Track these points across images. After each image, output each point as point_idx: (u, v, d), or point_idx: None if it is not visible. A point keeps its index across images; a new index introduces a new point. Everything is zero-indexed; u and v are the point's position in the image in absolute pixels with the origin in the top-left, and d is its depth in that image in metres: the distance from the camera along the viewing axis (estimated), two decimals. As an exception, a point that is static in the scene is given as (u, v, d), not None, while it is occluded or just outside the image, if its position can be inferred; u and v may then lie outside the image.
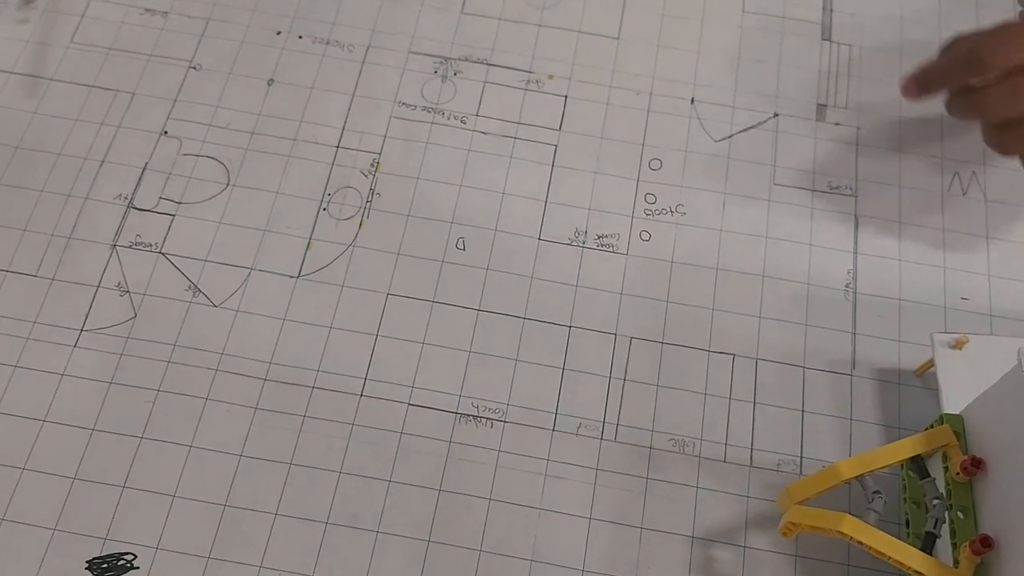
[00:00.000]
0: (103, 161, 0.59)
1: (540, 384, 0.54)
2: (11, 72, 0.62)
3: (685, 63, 0.65)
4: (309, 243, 0.58)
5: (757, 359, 0.56)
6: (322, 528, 0.50)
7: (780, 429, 0.54)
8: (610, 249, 0.58)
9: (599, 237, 0.59)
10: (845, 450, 0.54)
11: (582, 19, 0.66)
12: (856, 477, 0.44)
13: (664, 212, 0.60)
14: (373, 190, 0.59)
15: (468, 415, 0.53)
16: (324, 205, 0.59)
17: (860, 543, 0.42)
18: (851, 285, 0.58)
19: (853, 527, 0.42)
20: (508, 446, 0.53)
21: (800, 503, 0.45)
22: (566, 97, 0.63)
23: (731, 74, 0.65)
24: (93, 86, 0.62)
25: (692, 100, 0.64)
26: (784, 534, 0.46)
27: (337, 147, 0.61)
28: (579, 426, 0.53)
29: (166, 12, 0.64)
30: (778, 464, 0.53)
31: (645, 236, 0.59)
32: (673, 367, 0.55)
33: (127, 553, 0.49)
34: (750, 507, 0.52)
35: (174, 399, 0.53)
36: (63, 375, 0.53)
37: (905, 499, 0.47)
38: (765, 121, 0.64)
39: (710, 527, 0.51)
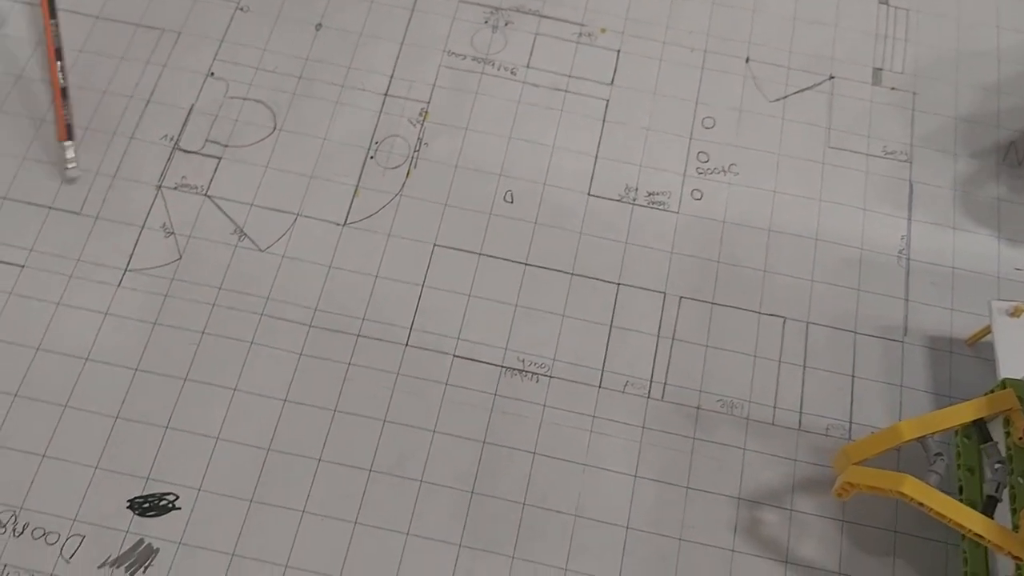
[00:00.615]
0: (148, 101, 0.58)
1: (587, 340, 0.54)
2: (57, 8, 0.61)
3: (740, 21, 0.64)
4: (356, 191, 0.57)
5: (808, 323, 0.55)
6: (366, 475, 0.50)
7: (829, 393, 0.53)
8: (661, 207, 0.57)
9: (650, 194, 0.58)
10: (895, 416, 0.53)
11: (636, -28, 0.65)
12: (918, 438, 0.43)
13: (717, 171, 0.59)
14: (421, 139, 0.58)
15: (514, 369, 0.53)
16: (371, 153, 0.58)
17: (920, 505, 0.41)
18: (904, 251, 0.57)
19: (914, 488, 0.41)
20: (553, 401, 0.52)
21: (857, 464, 0.44)
22: (618, 52, 0.62)
23: (787, 34, 0.64)
24: (139, 24, 0.61)
25: (747, 59, 0.63)
26: (839, 495, 0.45)
27: (385, 95, 0.60)
28: (626, 384, 0.53)
29: (213, -48, 0.63)
30: (827, 428, 0.52)
31: (697, 195, 0.58)
32: (722, 328, 0.54)
33: (169, 493, 0.48)
34: (797, 470, 0.51)
35: (218, 342, 0.52)
36: (106, 314, 0.52)
37: (959, 466, 0.46)
38: (820, 83, 0.62)
39: (756, 489, 0.51)
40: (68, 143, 0.54)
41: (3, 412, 0.50)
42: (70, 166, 0.54)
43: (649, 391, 0.52)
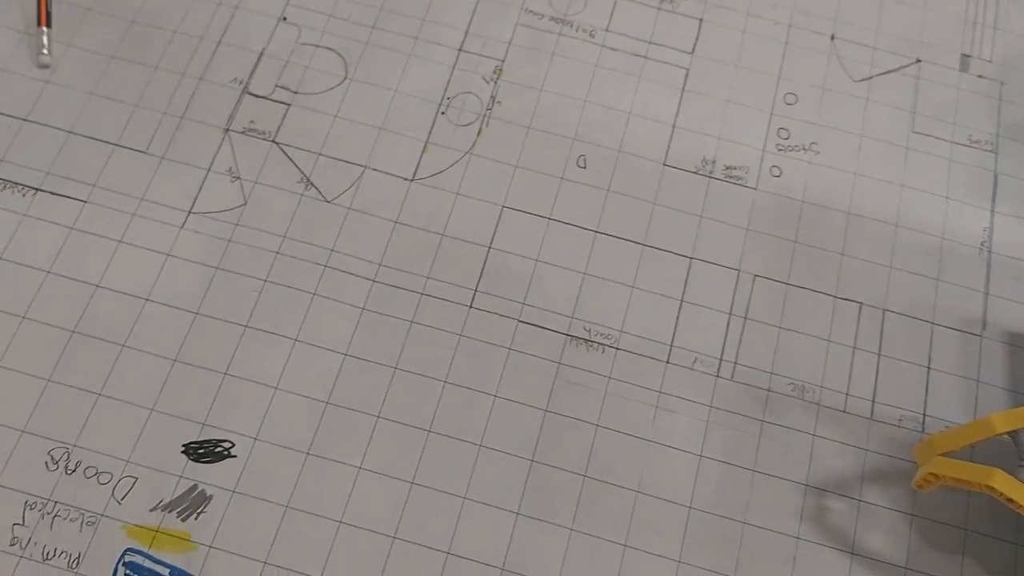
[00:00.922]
0: (219, 42, 0.57)
1: (656, 314, 0.52)
2: (129, -56, 0.59)
3: (828, -3, 0.62)
4: (425, 146, 0.55)
5: (884, 310, 0.53)
6: (424, 436, 0.48)
7: (904, 384, 0.51)
8: (738, 182, 0.56)
9: (727, 168, 0.56)
10: (970, 412, 0.51)
11: (723, -60, 0.63)
12: (1009, 432, 0.41)
13: (797, 149, 0.57)
14: (494, 98, 0.57)
15: (579, 338, 0.51)
16: (443, 109, 0.56)
17: (1010, 500, 0.40)
18: (986, 243, 0.55)
19: (1004, 483, 0.39)
20: (619, 373, 0.50)
21: (942, 455, 0.42)
22: (701, 20, 0.60)
23: (874, 14, 0.61)
24: (213, -35, 0.59)
25: (832, 37, 0.60)
26: (920, 487, 0.43)
27: (459, 50, 0.58)
28: (694, 361, 0.51)
29: None
30: (900, 420, 0.51)
31: (776, 172, 0.56)
32: (796, 310, 0.53)
33: (225, 440, 0.47)
34: (868, 460, 0.50)
35: (281, 291, 0.51)
36: (168, 255, 0.51)
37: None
38: (907, 66, 0.60)
39: (824, 477, 0.49)
40: (45, 29, 0.54)
41: (60, 348, 0.49)
42: (44, 51, 0.54)
43: (718, 370, 0.51)
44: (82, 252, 0.51)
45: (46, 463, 0.46)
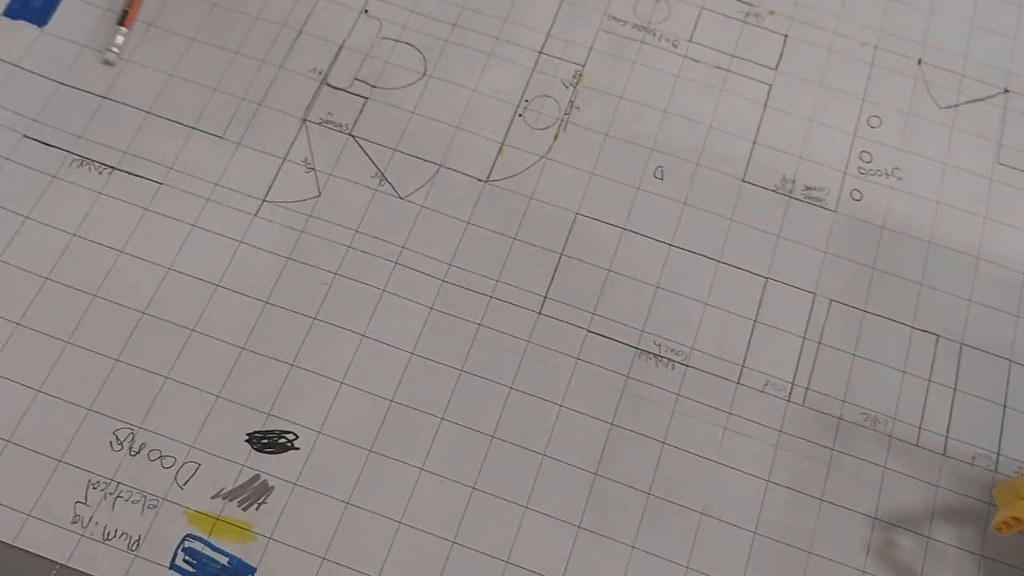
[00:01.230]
0: (300, 31, 0.57)
1: (728, 333, 0.51)
2: (215, -72, 0.59)
3: (916, 20, 0.60)
4: (501, 148, 0.55)
5: (962, 344, 0.52)
6: (488, 441, 0.48)
7: (979, 421, 0.50)
8: (818, 203, 0.54)
9: (807, 189, 0.55)
10: (1047, 456, 0.50)
11: (812, -44, 0.61)
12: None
13: (879, 173, 0.55)
14: (573, 103, 0.56)
15: (649, 352, 0.50)
16: (520, 111, 0.56)
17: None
18: (1070, 283, 0.54)
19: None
20: (688, 391, 0.49)
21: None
22: (786, 36, 0.59)
23: (963, 40, 0.60)
24: (298, -47, 0.59)
25: (919, 61, 0.59)
26: (999, 529, 0.42)
27: (540, 53, 0.57)
28: (766, 384, 0.50)
29: None
30: (973, 457, 0.49)
31: (856, 195, 0.55)
32: (872, 338, 0.51)
33: (288, 432, 0.47)
34: (939, 497, 0.48)
35: (351, 285, 0.50)
36: (241, 242, 0.51)
37: None
38: (994, 96, 0.59)
39: (894, 511, 0.48)
40: (124, 30, 0.54)
41: (130, 328, 0.48)
42: (114, 49, 0.53)
43: (790, 394, 0.50)
44: (156, 234, 0.51)
45: (111, 443, 0.46)
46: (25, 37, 0.55)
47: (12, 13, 0.56)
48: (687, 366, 0.50)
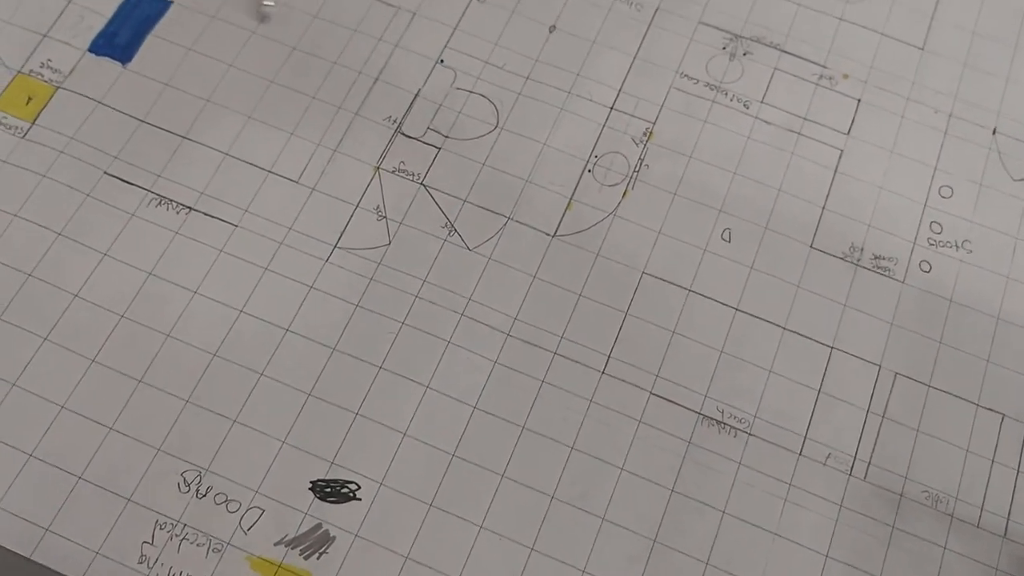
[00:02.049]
0: (377, 79, 0.57)
1: (792, 402, 0.51)
2: (296, -30, 0.60)
3: (992, 89, 0.60)
4: (570, 203, 0.55)
5: (1029, 425, 0.51)
6: (547, 501, 0.48)
7: (1043, 506, 0.49)
8: (886, 273, 0.54)
9: (875, 258, 0.54)
10: (1112, 545, 0.49)
11: (887, 20, 0.61)
12: None
13: (949, 245, 0.55)
14: (642, 160, 0.56)
15: (712, 418, 0.50)
16: (590, 166, 0.56)
17: None
18: None
19: None
20: (750, 460, 0.49)
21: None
22: (859, 101, 0.59)
23: (1039, 110, 0.59)
24: (376, -1, 0.60)
25: (994, 131, 0.59)
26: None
27: (611, 108, 0.58)
28: (828, 456, 0.50)
29: (457, -64, 0.62)
30: (1036, 543, 0.49)
31: (925, 267, 0.54)
32: (936, 414, 0.51)
33: (351, 482, 0.48)
34: (1000, 582, 0.48)
35: (417, 335, 0.51)
36: (311, 288, 0.52)
37: None
38: (1068, 168, 0.58)
39: (954, 594, 0.47)
40: None
41: (201, 369, 0.49)
42: (268, 2, 0.55)
43: (851, 468, 0.50)
44: (230, 276, 0.52)
45: (179, 484, 0.47)
46: (109, 74, 0.56)
47: (97, 49, 0.57)
48: (749, 434, 0.50)
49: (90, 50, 0.57)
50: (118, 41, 0.57)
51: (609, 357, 0.51)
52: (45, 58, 0.57)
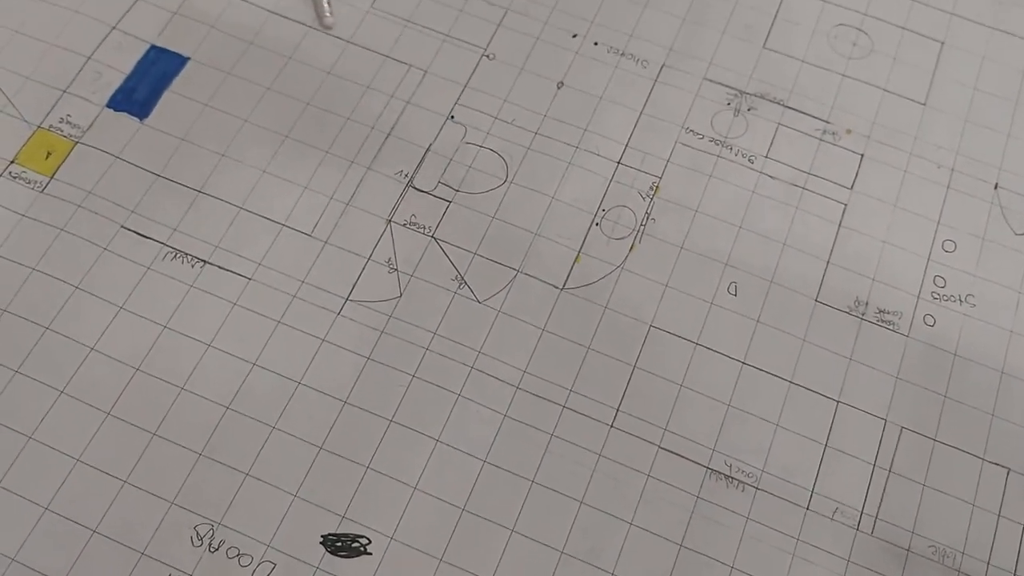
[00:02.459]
0: (389, 134, 0.59)
1: (799, 456, 0.51)
2: (310, 27, 0.62)
3: (993, 144, 0.61)
4: (578, 256, 0.56)
5: (1034, 479, 0.51)
6: (556, 556, 0.48)
7: (1050, 561, 0.50)
8: (891, 327, 0.55)
9: (880, 312, 0.55)
10: (1120, 601, 0.49)
11: (889, 77, 0.62)
12: None
13: (952, 299, 0.56)
14: (649, 214, 0.57)
15: (720, 472, 0.51)
16: (597, 220, 0.57)
17: None
18: None
19: None
20: (758, 515, 0.50)
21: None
22: (862, 156, 0.60)
23: (1040, 164, 0.60)
24: (388, 56, 0.61)
25: (996, 185, 0.60)
26: None
27: (618, 163, 0.59)
28: (835, 511, 0.50)
29: (467, -6, 0.63)
30: (1044, 599, 0.49)
31: (929, 321, 0.55)
32: (943, 468, 0.52)
33: (362, 536, 0.48)
34: (1009, 639, 0.48)
35: (427, 388, 0.52)
36: (323, 340, 0.52)
37: None
38: (1070, 222, 0.59)
39: (962, 651, 0.47)
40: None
41: (214, 423, 0.50)
42: (328, 14, 0.58)
43: (859, 523, 0.50)
44: (243, 329, 0.52)
45: (191, 538, 0.47)
46: (127, 129, 0.58)
47: (115, 105, 0.58)
48: (757, 488, 0.50)
49: (108, 106, 0.58)
50: (136, 97, 0.58)
51: (618, 410, 0.52)
52: (64, 113, 0.58)
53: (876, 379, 0.53)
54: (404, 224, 0.56)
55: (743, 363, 0.53)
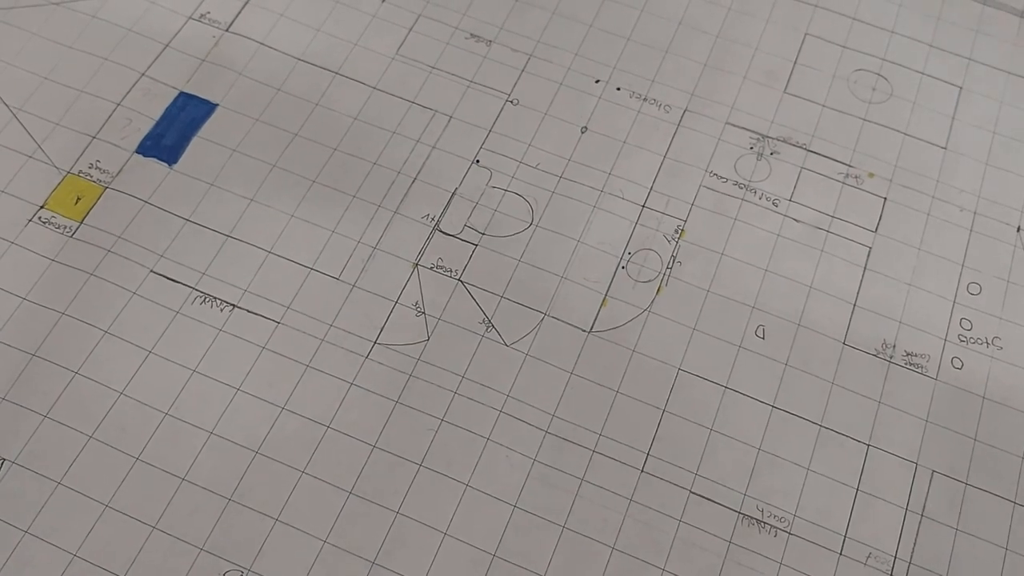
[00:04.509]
0: (415, 179, 0.59)
1: (831, 500, 0.51)
2: (337, 73, 0.62)
3: (1015, 188, 0.61)
4: (604, 299, 0.56)
5: (1068, 524, 0.51)
6: (589, 603, 0.48)
7: (1088, 608, 0.49)
8: (919, 370, 0.55)
9: (907, 355, 0.55)
10: None
11: (909, 121, 0.63)
12: None
13: (979, 342, 0.56)
14: (675, 257, 0.57)
15: (752, 517, 0.50)
16: (623, 263, 0.57)
17: None
18: None
19: None
20: (790, 560, 0.49)
21: None
22: (885, 199, 0.60)
23: (1061, 207, 0.61)
24: (413, 102, 0.62)
25: (1019, 228, 0.60)
26: None
27: (643, 206, 0.59)
28: (868, 556, 0.50)
29: (490, 41, 0.64)
30: (1083, 647, 0.48)
31: (957, 363, 0.55)
32: (974, 512, 0.51)
33: (392, 582, 0.48)
34: None
35: (456, 432, 0.51)
36: (352, 384, 0.52)
37: None
38: (1093, 264, 0.59)
39: None
40: None
41: (244, 467, 0.50)
42: None
43: (892, 568, 0.49)
44: (272, 373, 0.52)
45: (220, 585, 0.47)
46: (156, 174, 0.58)
47: (144, 151, 0.59)
48: (790, 533, 0.50)
49: (138, 151, 0.59)
50: (165, 143, 0.59)
51: (648, 455, 0.52)
52: (94, 159, 0.58)
53: (906, 422, 0.53)
54: (431, 267, 0.56)
55: (772, 407, 0.53)
